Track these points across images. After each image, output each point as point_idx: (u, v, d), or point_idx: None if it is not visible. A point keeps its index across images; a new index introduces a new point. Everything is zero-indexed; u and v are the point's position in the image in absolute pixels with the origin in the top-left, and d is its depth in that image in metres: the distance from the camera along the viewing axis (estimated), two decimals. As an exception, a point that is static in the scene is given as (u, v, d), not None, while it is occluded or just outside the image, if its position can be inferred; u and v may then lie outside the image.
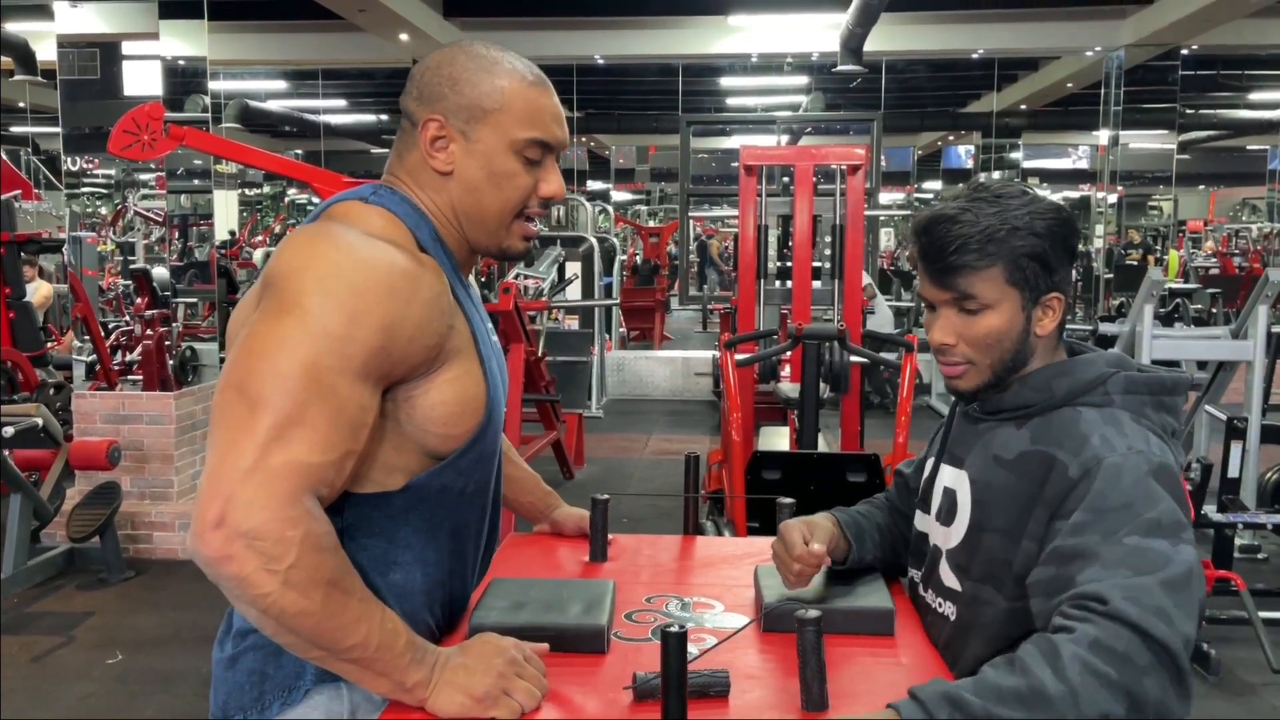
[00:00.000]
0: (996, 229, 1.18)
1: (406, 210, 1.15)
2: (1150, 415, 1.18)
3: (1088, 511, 1.08)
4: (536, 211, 1.20)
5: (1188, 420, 5.05)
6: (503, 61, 1.16)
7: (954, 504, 1.27)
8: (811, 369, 3.67)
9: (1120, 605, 0.99)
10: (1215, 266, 13.78)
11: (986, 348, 1.22)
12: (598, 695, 1.11)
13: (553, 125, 1.17)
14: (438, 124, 1.15)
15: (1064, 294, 1.23)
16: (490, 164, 1.14)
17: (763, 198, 5.13)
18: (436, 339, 1.09)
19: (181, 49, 8.09)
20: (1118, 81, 10.62)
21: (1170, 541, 1.04)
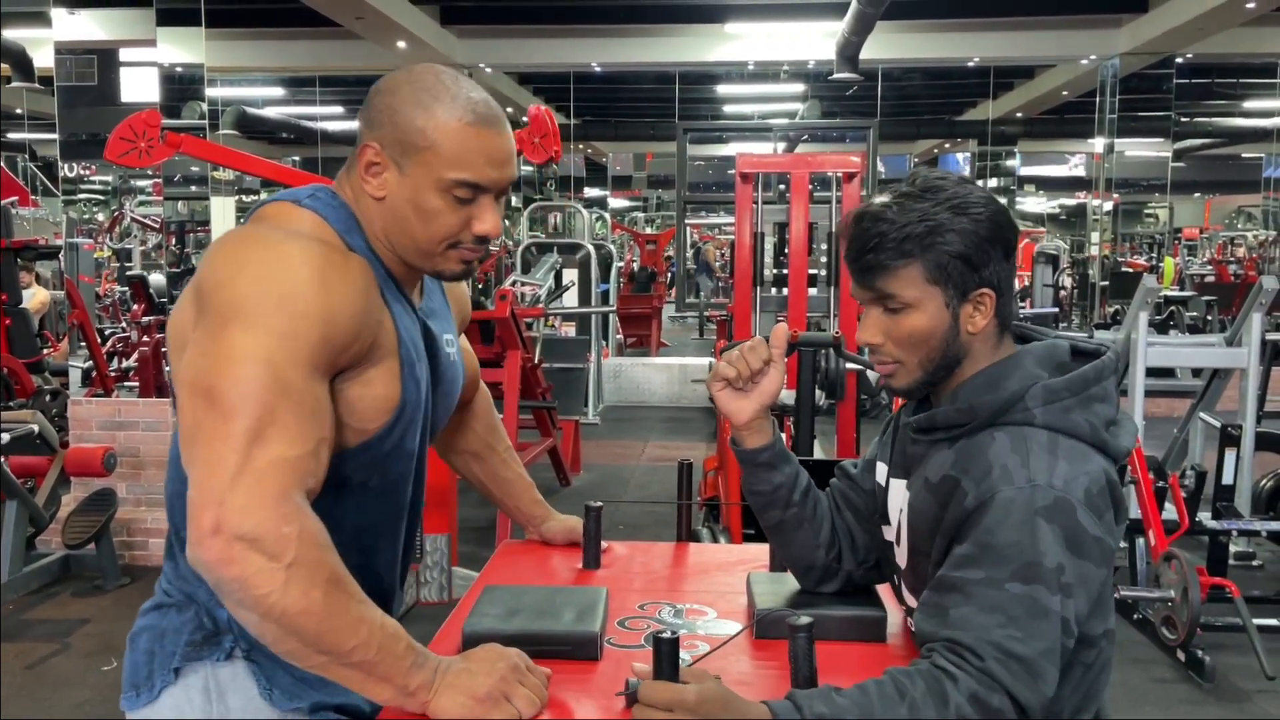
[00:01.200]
0: (914, 226, 1.15)
1: (339, 216, 1.16)
2: (1078, 419, 1.14)
3: (974, 545, 1.09)
4: (470, 248, 1.18)
5: (1183, 427, 5.07)
6: (445, 97, 1.13)
7: (899, 523, 1.26)
8: (807, 376, 3.68)
9: (992, 666, 1.02)
10: (1211, 274, 13.82)
11: (912, 347, 1.18)
12: (591, 701, 1.11)
13: (485, 167, 1.13)
14: (374, 151, 1.14)
15: (997, 289, 1.17)
16: (418, 199, 1.13)
17: (759, 205, 5.14)
18: (370, 330, 1.12)
19: (179, 56, 8.10)
20: (1113, 90, 10.67)
21: (1049, 590, 1.05)
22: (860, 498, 1.37)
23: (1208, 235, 19.26)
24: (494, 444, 1.64)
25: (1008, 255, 1.18)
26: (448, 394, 1.32)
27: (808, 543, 1.35)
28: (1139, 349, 4.44)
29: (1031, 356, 1.19)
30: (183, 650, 1.18)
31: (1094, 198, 11.84)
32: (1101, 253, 11.46)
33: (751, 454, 1.32)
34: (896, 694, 1.01)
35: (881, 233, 1.16)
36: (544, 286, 7.23)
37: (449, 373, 1.31)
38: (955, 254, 1.15)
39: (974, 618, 1.05)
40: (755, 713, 0.99)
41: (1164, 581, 3.56)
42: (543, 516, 1.67)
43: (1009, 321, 1.21)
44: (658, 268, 13.18)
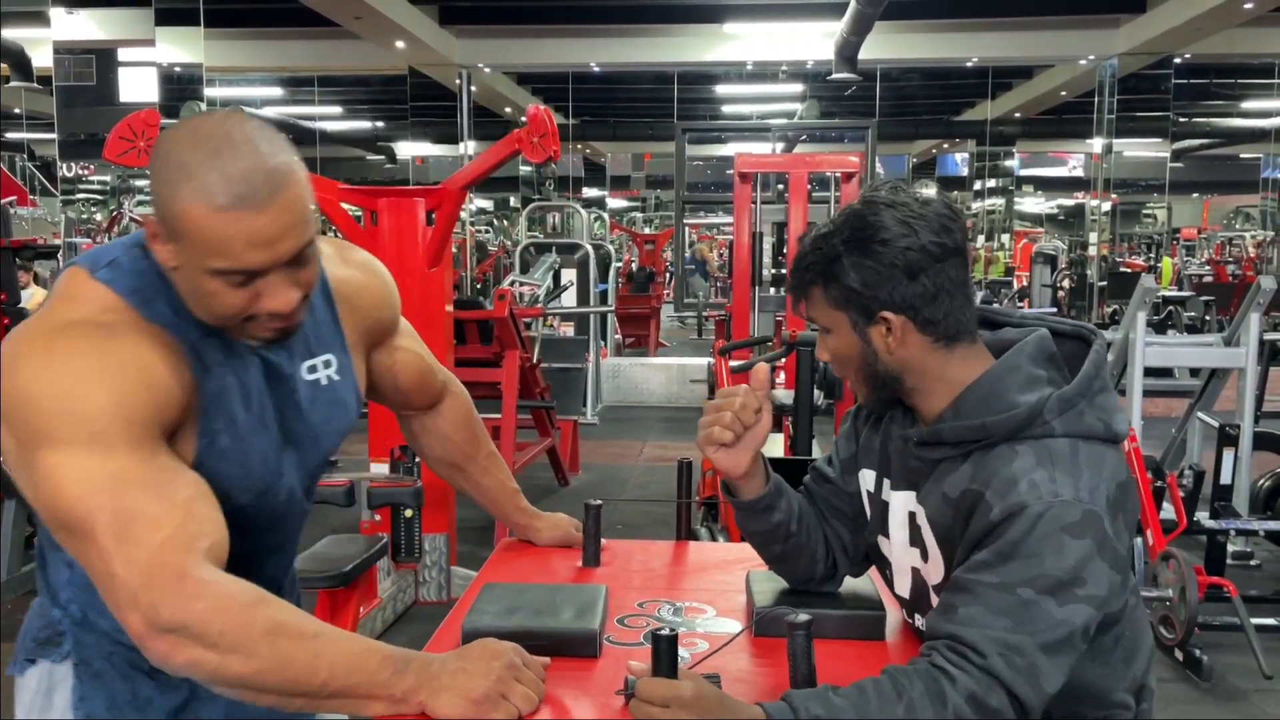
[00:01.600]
0: (814, 258, 1.21)
1: (137, 283, 1.09)
2: (1092, 420, 1.16)
3: (993, 553, 1.10)
4: (268, 323, 1.09)
5: (1181, 426, 5.07)
6: (195, 176, 1.00)
7: (919, 536, 1.25)
8: (806, 376, 3.68)
9: (995, 662, 1.04)
10: (1209, 274, 13.83)
11: (842, 365, 1.25)
12: (590, 699, 1.12)
13: (245, 252, 1.02)
14: (154, 222, 1.06)
15: (904, 310, 1.17)
16: (194, 280, 1.05)
17: (758, 205, 5.15)
18: (173, 396, 1.07)
19: (178, 56, 8.11)
20: (1111, 90, 10.68)
21: (1060, 602, 1.06)
22: (842, 500, 1.38)
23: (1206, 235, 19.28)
24: (473, 453, 1.59)
25: (913, 275, 1.16)
26: (325, 420, 1.25)
27: (808, 563, 1.37)
28: (1137, 349, 4.44)
29: (1023, 356, 1.19)
30: (29, 646, 1.22)
31: (1092, 198, 11.85)
32: (1100, 253, 11.47)
33: (751, 503, 1.33)
34: (894, 693, 1.01)
35: (798, 260, 1.24)
36: (542, 286, 7.23)
37: (317, 400, 1.23)
38: (844, 285, 1.19)
39: (981, 617, 1.07)
40: (751, 714, 0.99)
41: (1162, 581, 3.56)
42: (526, 525, 1.64)
43: (952, 333, 1.19)
44: (656, 268, 13.18)
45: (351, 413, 1.28)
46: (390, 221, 3.88)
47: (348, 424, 1.29)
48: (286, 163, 1.04)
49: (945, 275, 1.17)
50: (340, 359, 1.26)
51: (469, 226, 12.20)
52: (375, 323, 1.33)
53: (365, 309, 1.31)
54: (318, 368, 1.23)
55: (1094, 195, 11.70)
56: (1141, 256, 15.07)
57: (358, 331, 1.30)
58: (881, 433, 1.32)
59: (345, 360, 1.27)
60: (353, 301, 1.29)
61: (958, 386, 1.20)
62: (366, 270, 1.34)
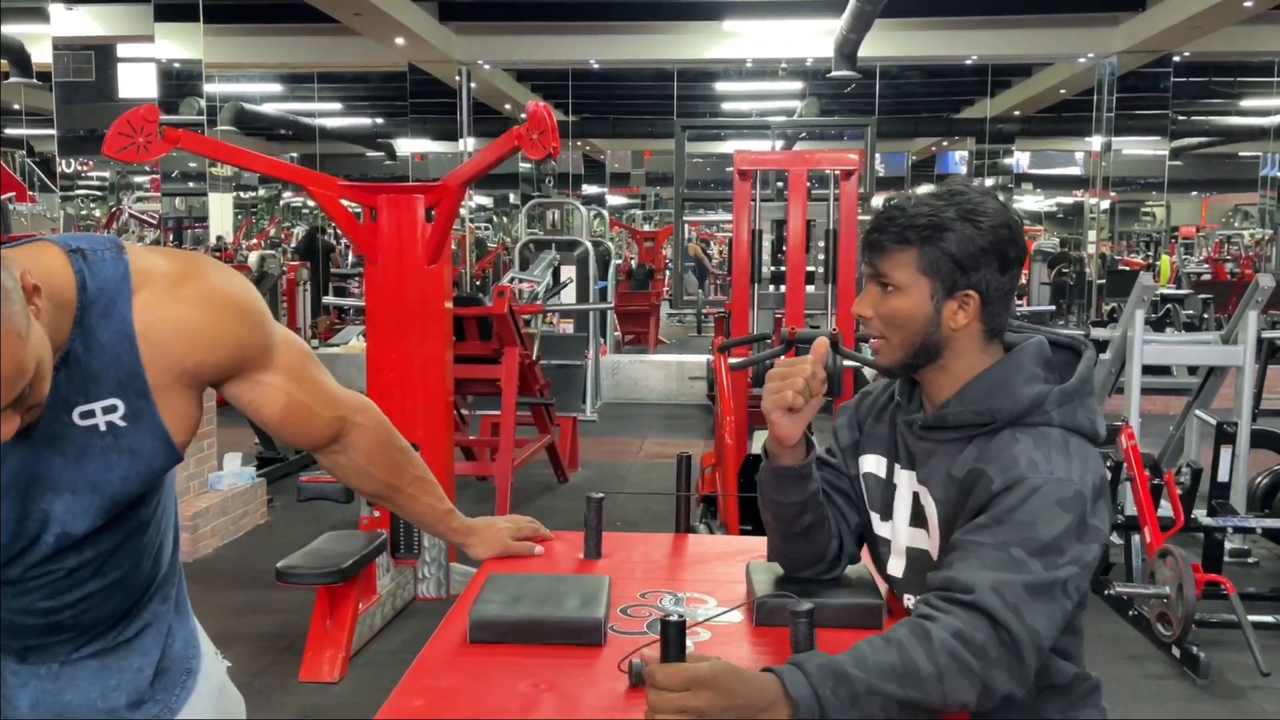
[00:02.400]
0: (921, 219, 1.25)
1: None
2: (1082, 417, 1.26)
3: (990, 517, 1.17)
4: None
5: (1179, 424, 5.09)
6: None
7: (923, 514, 1.32)
8: (805, 372, 3.69)
9: (983, 595, 1.09)
10: (1207, 272, 13.85)
11: (895, 327, 1.29)
12: (595, 685, 1.13)
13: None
14: None
15: (984, 295, 1.27)
16: None
17: (757, 202, 5.15)
18: None
19: (177, 52, 8.11)
20: (1110, 88, 10.69)
21: (1046, 565, 1.13)
22: (844, 483, 1.44)
23: (1204, 234, 19.29)
24: (396, 482, 1.49)
25: (1004, 268, 1.27)
26: (104, 468, 1.15)
27: (825, 539, 1.41)
28: (1135, 347, 4.45)
29: (1027, 355, 1.29)
30: None
31: (1091, 196, 11.86)
32: (1099, 251, 11.48)
33: (795, 469, 1.36)
34: (883, 641, 1.07)
35: (892, 218, 1.28)
36: (542, 283, 7.24)
37: (90, 447, 1.14)
38: (948, 253, 1.25)
39: (971, 567, 1.13)
40: (764, 680, 1.02)
41: (1159, 578, 3.58)
42: (466, 543, 1.59)
43: (998, 329, 1.30)
44: (656, 265, 13.19)
45: (148, 458, 1.17)
46: (390, 218, 3.88)
47: (143, 470, 1.18)
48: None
49: (1015, 279, 1.30)
50: (134, 403, 1.15)
51: (468, 223, 12.20)
52: (199, 365, 1.19)
53: (181, 351, 1.17)
54: (95, 413, 1.13)
55: (1093, 193, 11.71)
56: (1140, 255, 15.09)
57: (172, 373, 1.17)
58: (888, 421, 1.39)
59: (143, 404, 1.15)
60: (166, 341, 1.16)
61: (967, 376, 1.29)
62: (196, 308, 1.19)
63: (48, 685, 1.20)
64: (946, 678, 1.05)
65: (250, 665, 3.50)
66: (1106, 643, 3.75)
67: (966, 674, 1.06)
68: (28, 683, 1.19)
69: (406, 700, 1.11)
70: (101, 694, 1.22)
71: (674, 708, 0.96)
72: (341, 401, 1.41)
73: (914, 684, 1.04)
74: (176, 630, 1.33)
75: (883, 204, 1.33)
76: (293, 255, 12.26)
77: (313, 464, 6.16)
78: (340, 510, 4.72)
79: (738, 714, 0.98)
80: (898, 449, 1.36)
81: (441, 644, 1.25)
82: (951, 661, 1.05)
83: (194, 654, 1.37)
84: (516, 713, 1.07)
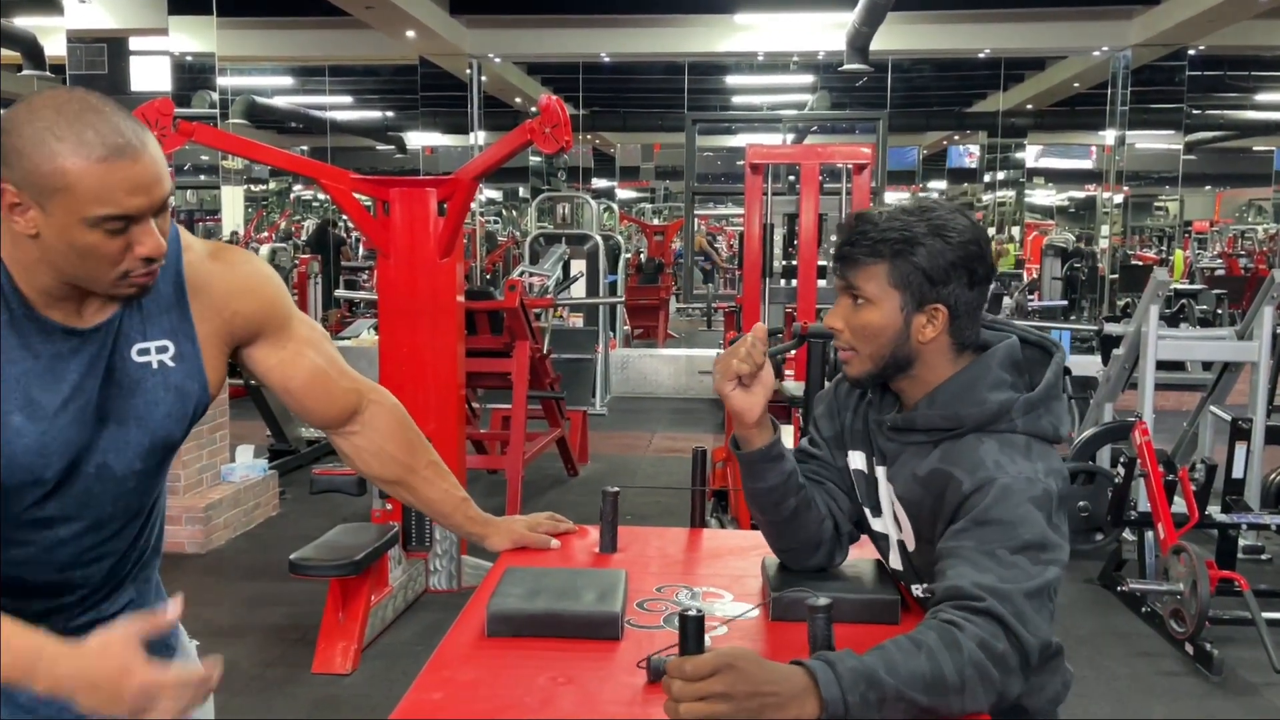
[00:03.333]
0: (893, 233, 1.29)
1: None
2: (1045, 423, 1.30)
3: (969, 521, 1.21)
4: (140, 273, 1.15)
5: (1192, 420, 5.06)
6: (69, 135, 1.07)
7: (894, 512, 1.36)
8: (816, 367, 3.69)
9: (992, 604, 1.11)
10: (1220, 267, 13.78)
11: (864, 339, 1.32)
12: (613, 680, 1.13)
13: (127, 198, 1.09)
14: (11, 192, 1.09)
15: (952, 309, 1.30)
16: (69, 238, 1.10)
17: (768, 196, 5.15)
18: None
19: (190, 45, 8.13)
20: (1124, 82, 10.62)
21: (1031, 561, 1.16)
22: (832, 473, 1.46)
23: (1218, 228, 19.19)
24: (412, 463, 1.52)
25: (972, 283, 1.31)
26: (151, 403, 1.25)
27: (817, 519, 1.42)
28: (1150, 342, 4.43)
29: (995, 359, 1.33)
30: None
31: (1104, 190, 11.80)
32: (1111, 245, 11.42)
33: (764, 450, 1.38)
34: (913, 646, 1.07)
35: (863, 231, 1.31)
36: (552, 277, 7.24)
37: (143, 382, 1.24)
38: (919, 267, 1.29)
39: (970, 573, 1.15)
40: (789, 671, 1.02)
41: (1173, 575, 3.57)
42: (480, 535, 1.59)
43: (967, 343, 1.34)
44: (665, 259, 13.17)
45: (189, 399, 1.27)
46: (402, 211, 3.88)
47: (183, 410, 1.27)
48: (139, 123, 1.13)
49: (984, 295, 1.33)
50: (183, 347, 1.26)
51: (478, 217, 12.21)
52: (234, 315, 1.32)
53: (221, 301, 1.30)
54: (150, 351, 1.24)
55: (1106, 188, 11.65)
56: (1153, 249, 15.01)
57: (213, 323, 1.30)
58: (862, 416, 1.43)
59: (189, 349, 1.27)
60: (209, 293, 1.29)
61: (935, 382, 1.33)
62: (233, 265, 1.34)
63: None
64: (968, 688, 1.07)
65: (262, 656, 3.52)
66: (1119, 639, 3.74)
67: (987, 684, 1.08)
68: None
69: (425, 693, 1.11)
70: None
71: (698, 693, 0.96)
72: (358, 378, 1.49)
73: (939, 693, 1.05)
74: (158, 607, 1.38)
75: (851, 218, 1.35)
76: (304, 248, 12.29)
77: (324, 456, 6.19)
78: (352, 503, 4.73)
79: (761, 700, 0.98)
80: (873, 445, 1.40)
81: (459, 637, 1.25)
82: (976, 673, 1.07)
83: (174, 630, 1.42)
84: (535, 707, 1.08)
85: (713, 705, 0.96)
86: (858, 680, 1.01)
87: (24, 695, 1.21)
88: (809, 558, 1.42)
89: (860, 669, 1.02)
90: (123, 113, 1.13)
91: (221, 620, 3.82)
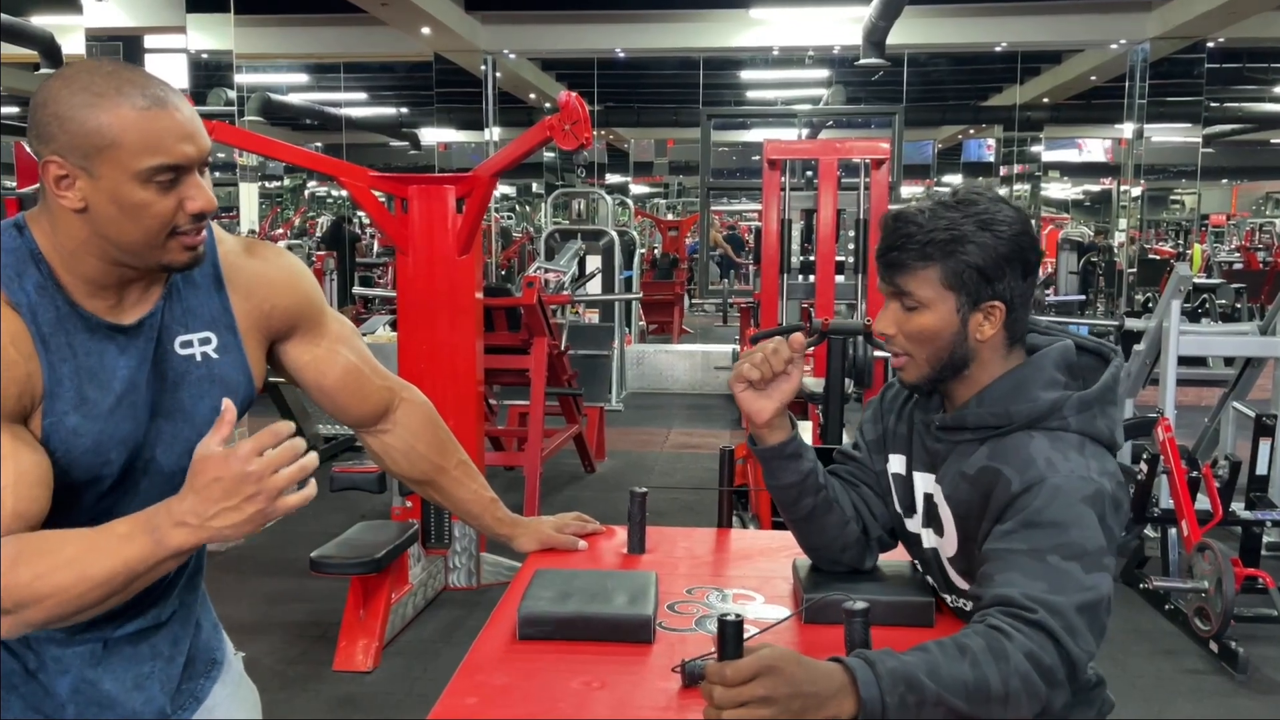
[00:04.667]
0: (941, 234, 1.24)
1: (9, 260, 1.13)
2: (1101, 425, 1.25)
3: (1017, 522, 1.16)
4: (190, 229, 1.14)
5: (1214, 416, 5.03)
6: (109, 91, 1.08)
7: (935, 513, 1.32)
8: (836, 364, 3.67)
9: (1044, 617, 1.07)
10: (1238, 261, 13.66)
11: (921, 343, 1.28)
12: (647, 684, 1.13)
13: (178, 145, 1.10)
14: (57, 164, 1.09)
15: (1009, 303, 1.26)
16: (120, 198, 1.09)
17: (786, 191, 5.13)
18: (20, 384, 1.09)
19: (207, 43, 8.14)
20: (1142, 75, 10.54)
21: (1085, 568, 1.12)
22: (869, 476, 1.44)
23: (1234, 222, 19.04)
24: (442, 463, 1.52)
25: (1025, 274, 1.26)
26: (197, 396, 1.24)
27: (839, 522, 1.40)
28: (1171, 338, 4.39)
29: (1049, 359, 1.29)
30: None
31: (1122, 184, 11.71)
32: (1129, 239, 11.34)
33: (777, 448, 1.37)
34: (957, 651, 1.04)
35: (909, 234, 1.26)
36: (568, 273, 7.23)
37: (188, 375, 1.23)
38: (972, 265, 1.24)
39: (1019, 580, 1.11)
40: (828, 669, 1.00)
41: (1197, 572, 3.54)
42: (510, 535, 1.59)
43: (1020, 335, 1.30)
44: (680, 255, 13.15)
45: (234, 390, 1.26)
46: (421, 209, 3.88)
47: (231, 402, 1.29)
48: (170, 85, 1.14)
49: (1034, 283, 1.29)
50: (225, 338, 1.26)
51: (494, 213, 12.21)
52: (272, 309, 1.32)
53: (260, 295, 1.30)
54: (193, 344, 1.23)
55: (1124, 182, 11.56)
56: (1170, 243, 14.90)
57: (252, 316, 1.30)
58: (907, 419, 1.40)
59: (232, 340, 1.27)
60: (246, 286, 1.29)
61: (988, 381, 1.29)
62: (269, 260, 1.34)
63: (87, 671, 1.21)
64: (1011, 700, 1.04)
65: (284, 654, 3.53)
66: (1142, 637, 3.71)
67: (1032, 696, 1.05)
68: (68, 669, 1.20)
69: (459, 698, 1.10)
70: (136, 681, 1.24)
71: (739, 699, 0.95)
72: (390, 376, 1.49)
73: (981, 703, 1.03)
74: (203, 621, 1.37)
75: (889, 219, 1.29)
76: (319, 245, 12.32)
77: (343, 454, 6.20)
78: (371, 500, 4.75)
79: (801, 702, 0.96)
80: (913, 449, 1.37)
81: (490, 640, 1.25)
82: (1021, 685, 1.04)
83: (218, 645, 1.41)
84: (570, 712, 1.07)
85: (755, 710, 0.95)
86: (897, 682, 1.00)
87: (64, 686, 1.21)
88: (836, 558, 1.41)
89: (901, 670, 1.01)
90: (154, 76, 1.13)
91: (242, 617, 3.83)
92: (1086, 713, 1.33)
